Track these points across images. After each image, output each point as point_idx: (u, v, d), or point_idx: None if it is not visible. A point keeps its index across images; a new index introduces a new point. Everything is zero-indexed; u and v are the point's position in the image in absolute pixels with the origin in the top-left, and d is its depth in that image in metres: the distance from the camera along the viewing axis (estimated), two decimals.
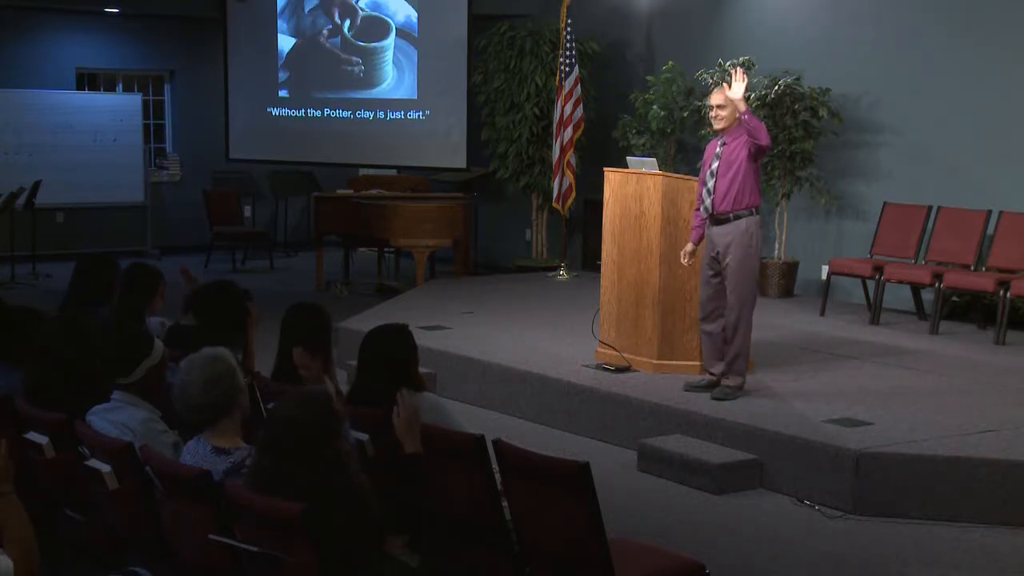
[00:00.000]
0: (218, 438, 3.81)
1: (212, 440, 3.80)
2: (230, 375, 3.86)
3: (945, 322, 8.96)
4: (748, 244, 6.73)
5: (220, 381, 3.82)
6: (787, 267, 10.42)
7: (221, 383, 3.82)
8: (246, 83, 14.47)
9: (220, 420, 3.82)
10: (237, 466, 3.71)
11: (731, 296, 6.75)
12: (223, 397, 3.82)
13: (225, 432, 3.82)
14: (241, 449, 3.79)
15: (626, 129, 11.51)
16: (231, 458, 3.74)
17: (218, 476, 3.68)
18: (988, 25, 9.46)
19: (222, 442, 3.80)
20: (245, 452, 3.76)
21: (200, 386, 3.80)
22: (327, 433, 3.51)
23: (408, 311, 9.46)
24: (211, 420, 3.82)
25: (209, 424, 3.83)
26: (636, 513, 5.78)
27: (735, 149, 6.71)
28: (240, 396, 3.89)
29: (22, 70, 14.50)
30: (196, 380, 3.81)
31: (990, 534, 5.53)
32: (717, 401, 6.71)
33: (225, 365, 3.88)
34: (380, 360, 4.46)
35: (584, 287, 10.53)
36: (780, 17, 10.93)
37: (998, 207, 9.01)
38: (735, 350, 6.78)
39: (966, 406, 6.69)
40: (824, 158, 10.29)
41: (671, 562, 4.12)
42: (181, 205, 15.26)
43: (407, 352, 4.50)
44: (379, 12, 13.63)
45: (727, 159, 6.73)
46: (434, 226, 11.86)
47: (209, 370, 3.83)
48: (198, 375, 3.82)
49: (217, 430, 3.82)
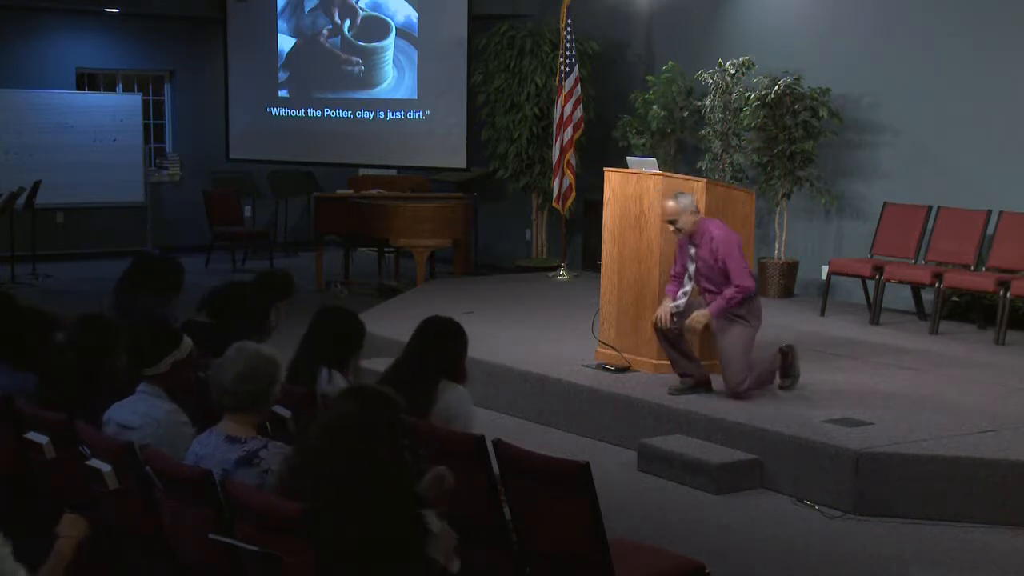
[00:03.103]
0: (233, 427, 3.82)
1: (226, 430, 3.82)
2: (266, 379, 3.87)
3: (945, 322, 8.96)
4: (747, 327, 6.74)
5: (253, 379, 3.84)
6: (787, 267, 10.42)
7: (253, 381, 3.84)
8: (246, 83, 14.47)
9: (239, 413, 3.83)
10: (249, 456, 3.72)
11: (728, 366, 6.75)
12: (248, 396, 3.83)
13: (242, 424, 3.83)
14: (255, 439, 3.80)
15: (626, 129, 11.52)
16: (244, 447, 3.75)
17: (228, 465, 3.69)
18: (988, 25, 9.46)
19: (236, 431, 3.81)
20: (259, 443, 3.77)
21: (233, 375, 3.83)
22: (386, 437, 3.43)
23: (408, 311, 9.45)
24: (231, 409, 3.83)
25: (228, 412, 3.84)
26: (636, 513, 5.78)
27: (707, 258, 6.69)
28: (269, 403, 3.92)
29: (22, 70, 14.50)
30: (233, 368, 3.84)
31: (990, 534, 5.53)
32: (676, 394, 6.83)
33: (266, 369, 3.88)
34: (430, 350, 4.63)
35: (584, 287, 10.53)
36: (780, 17, 10.93)
37: (998, 207, 9.01)
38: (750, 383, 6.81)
39: (966, 406, 6.69)
40: (824, 158, 10.29)
41: (671, 562, 4.12)
42: (181, 205, 15.26)
43: (460, 347, 4.70)
44: (379, 12, 13.63)
45: (703, 265, 6.72)
46: (434, 226, 11.87)
47: (247, 365, 3.85)
48: (236, 366, 3.84)
49: (234, 420, 3.83)
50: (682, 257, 6.88)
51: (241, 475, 3.67)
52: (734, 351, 6.68)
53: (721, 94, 10.53)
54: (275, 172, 15.51)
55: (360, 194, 12.77)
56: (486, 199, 13.75)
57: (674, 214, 6.70)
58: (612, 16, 12.49)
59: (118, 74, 15.53)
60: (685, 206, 6.68)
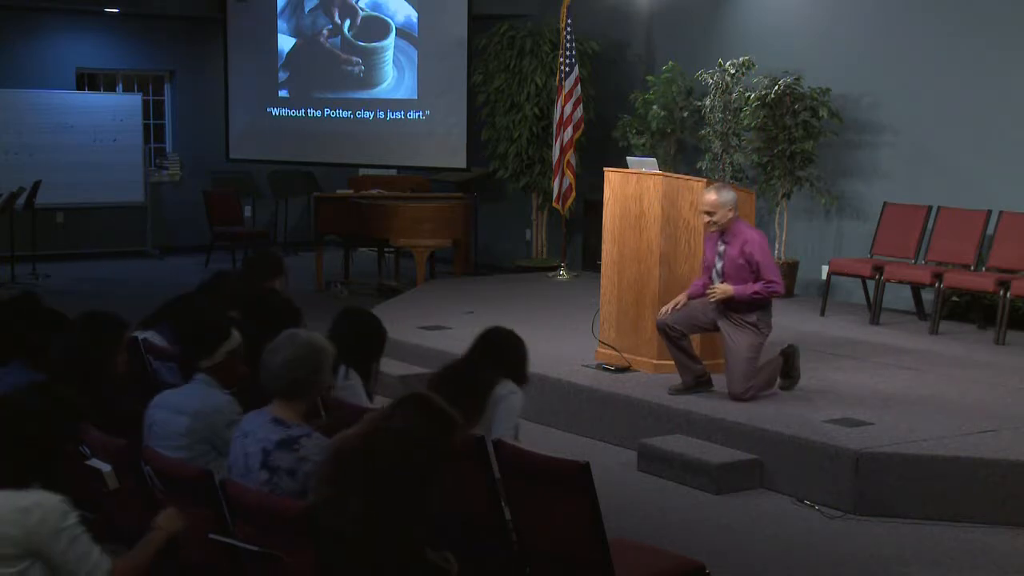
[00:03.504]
0: (281, 410, 3.86)
1: (275, 411, 3.87)
2: (312, 367, 3.90)
3: (945, 322, 8.96)
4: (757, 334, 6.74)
5: (299, 366, 3.86)
6: (787, 267, 10.41)
7: (299, 368, 3.86)
8: (246, 83, 14.47)
9: (287, 398, 3.87)
10: (291, 440, 3.75)
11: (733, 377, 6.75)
12: (294, 383, 3.86)
13: (289, 409, 3.87)
14: (299, 427, 3.83)
15: (626, 129, 11.52)
16: (288, 431, 3.79)
17: (270, 444, 3.75)
18: (988, 25, 9.46)
19: (283, 415, 3.85)
20: (302, 431, 3.80)
21: (281, 360, 3.87)
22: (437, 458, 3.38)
23: (408, 311, 9.47)
24: (279, 393, 3.87)
25: (277, 395, 3.88)
26: (636, 513, 5.78)
27: (736, 257, 6.68)
28: (315, 390, 3.95)
29: (22, 70, 14.50)
30: (281, 354, 3.89)
31: (990, 534, 5.53)
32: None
33: (314, 357, 3.92)
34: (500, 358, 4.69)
35: (584, 287, 10.53)
36: (780, 17, 10.93)
37: (998, 207, 9.01)
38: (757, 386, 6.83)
39: (966, 406, 6.69)
40: (824, 158, 10.29)
41: (671, 562, 4.12)
42: (181, 205, 15.26)
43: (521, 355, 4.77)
44: (379, 12, 13.63)
45: (731, 264, 6.71)
46: (434, 226, 11.87)
47: (294, 352, 3.89)
48: (284, 352, 3.89)
49: (283, 404, 3.87)
50: (710, 252, 6.86)
51: (279, 456, 3.73)
52: (741, 358, 6.68)
53: (721, 94, 10.53)
54: (275, 172, 15.51)
55: (360, 194, 12.77)
56: (486, 199, 13.75)
57: (713, 207, 6.66)
58: (612, 16, 12.49)
59: (118, 74, 15.53)
60: (726, 201, 6.64)
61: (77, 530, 3.18)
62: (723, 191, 6.71)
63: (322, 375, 3.95)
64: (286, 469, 3.71)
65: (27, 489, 3.17)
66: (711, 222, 6.70)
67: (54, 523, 3.13)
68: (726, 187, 6.81)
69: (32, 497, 3.15)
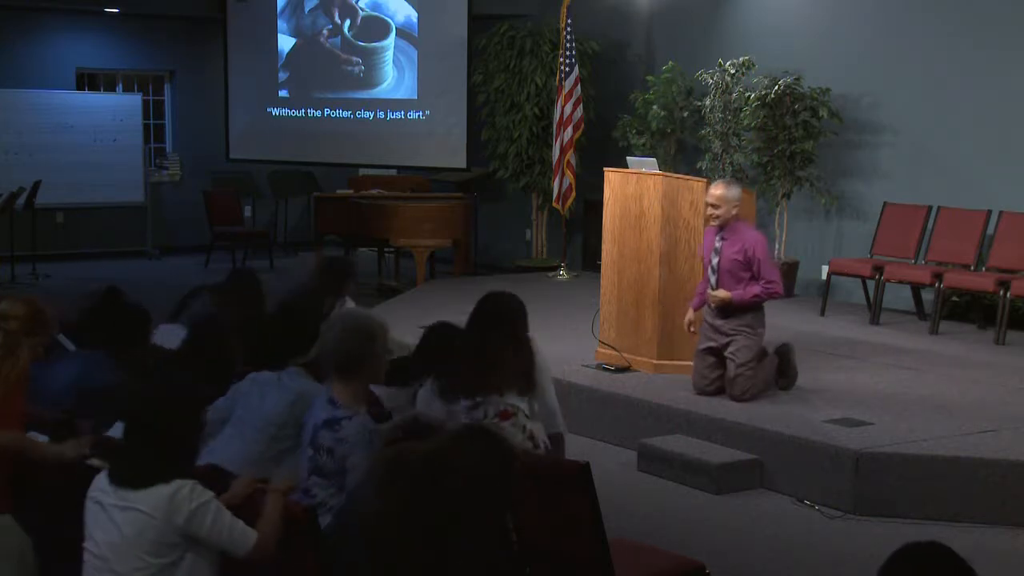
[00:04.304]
0: (338, 390, 3.91)
1: (332, 391, 3.92)
2: (365, 336, 3.96)
3: (945, 322, 8.96)
4: (752, 336, 6.76)
5: (352, 337, 3.93)
6: (787, 267, 10.41)
7: (352, 340, 3.93)
8: (246, 83, 14.47)
9: (344, 377, 3.90)
10: (334, 420, 3.81)
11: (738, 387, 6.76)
12: (347, 355, 3.91)
13: (349, 392, 3.91)
14: (348, 408, 3.86)
15: (626, 129, 11.52)
16: (336, 411, 3.84)
17: (318, 422, 3.83)
18: (988, 25, 9.46)
19: (339, 395, 3.89)
20: (347, 412, 3.83)
21: (335, 334, 3.96)
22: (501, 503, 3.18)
23: (408, 311, 9.46)
24: (336, 370, 3.92)
25: (335, 372, 3.93)
26: (636, 513, 5.78)
27: (732, 255, 6.71)
28: (371, 362, 3.97)
29: (22, 70, 14.50)
30: (335, 328, 4.00)
31: (990, 534, 5.53)
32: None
33: (367, 326, 3.99)
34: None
35: (584, 287, 10.53)
36: (780, 17, 10.93)
37: (998, 207, 9.01)
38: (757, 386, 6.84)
39: (966, 406, 6.69)
40: (824, 158, 10.29)
41: (671, 562, 4.13)
42: (181, 205, 15.25)
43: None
44: (379, 12, 13.63)
45: (727, 259, 6.73)
46: (434, 226, 11.87)
47: (347, 325, 3.99)
48: (338, 325, 4.01)
49: (342, 384, 3.91)
50: (707, 246, 6.90)
51: (323, 435, 3.80)
52: (738, 360, 6.69)
53: (721, 94, 10.53)
54: (275, 172, 15.51)
55: (360, 194, 12.77)
56: (486, 199, 13.75)
57: (719, 201, 6.71)
58: (612, 16, 12.49)
59: (118, 74, 15.53)
60: (732, 197, 6.71)
61: (214, 504, 3.29)
62: (731, 187, 6.78)
63: (377, 344, 3.99)
64: (327, 448, 3.80)
65: (171, 481, 3.26)
66: (714, 215, 6.75)
67: (196, 502, 3.25)
68: (734, 183, 6.89)
69: (173, 485, 3.26)
